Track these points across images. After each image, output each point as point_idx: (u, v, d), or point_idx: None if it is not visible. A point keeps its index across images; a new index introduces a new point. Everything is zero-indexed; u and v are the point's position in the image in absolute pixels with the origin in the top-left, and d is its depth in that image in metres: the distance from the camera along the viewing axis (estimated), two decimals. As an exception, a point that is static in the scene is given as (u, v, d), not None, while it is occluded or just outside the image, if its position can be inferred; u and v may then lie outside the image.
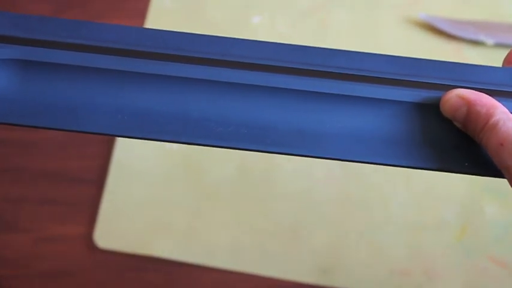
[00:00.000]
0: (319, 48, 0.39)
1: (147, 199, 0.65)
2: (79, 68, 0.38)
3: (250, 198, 0.65)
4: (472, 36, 0.71)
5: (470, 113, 0.37)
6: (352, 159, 0.38)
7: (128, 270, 0.64)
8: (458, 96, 0.37)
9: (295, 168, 0.66)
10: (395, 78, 0.38)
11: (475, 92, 0.37)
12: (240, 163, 0.66)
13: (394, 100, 0.38)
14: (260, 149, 0.38)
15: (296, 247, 0.64)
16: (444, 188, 0.66)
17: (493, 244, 0.64)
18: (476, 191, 0.65)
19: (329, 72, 0.38)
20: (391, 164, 0.38)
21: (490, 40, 0.71)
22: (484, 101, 0.36)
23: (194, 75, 0.38)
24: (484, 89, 0.38)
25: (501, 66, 0.40)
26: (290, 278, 0.63)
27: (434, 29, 0.72)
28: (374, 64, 0.39)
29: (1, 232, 0.65)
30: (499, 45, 0.71)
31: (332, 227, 0.64)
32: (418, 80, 0.38)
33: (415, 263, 0.63)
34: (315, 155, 0.38)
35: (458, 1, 0.73)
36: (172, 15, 0.73)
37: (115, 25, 0.39)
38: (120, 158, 0.66)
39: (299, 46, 0.39)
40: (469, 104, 0.37)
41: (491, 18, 0.72)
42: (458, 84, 0.38)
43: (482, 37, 0.71)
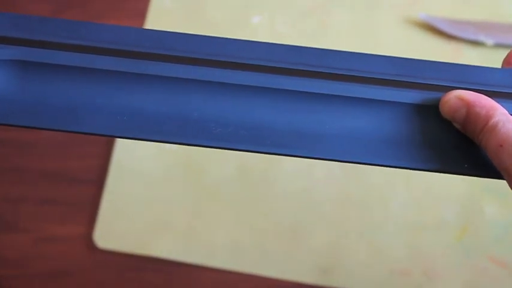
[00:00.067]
0: (318, 49, 0.39)
1: (147, 199, 0.65)
2: (78, 69, 0.38)
3: (250, 198, 0.65)
4: (472, 36, 0.71)
5: (469, 114, 0.37)
6: (351, 160, 0.38)
7: (128, 270, 0.64)
8: (457, 97, 0.37)
9: (295, 168, 0.66)
10: (394, 79, 0.38)
11: (475, 93, 0.37)
12: (240, 163, 0.66)
13: (394, 101, 0.38)
14: (259, 150, 0.38)
15: (296, 247, 0.64)
16: (444, 188, 0.66)
17: (493, 244, 0.64)
18: (476, 191, 0.65)
19: (328, 73, 0.38)
20: (391, 165, 0.38)
21: (490, 40, 0.70)
22: (484, 102, 0.36)
23: (193, 76, 0.38)
24: (484, 90, 0.38)
25: (500, 67, 0.40)
26: (290, 278, 0.63)
27: (434, 29, 0.72)
28: (373, 65, 0.39)
29: (1, 232, 0.65)
30: (499, 45, 0.70)
31: (332, 227, 0.64)
32: (418, 81, 0.38)
33: (415, 263, 0.63)
34: (314, 156, 0.38)
35: (458, 1, 0.73)
36: (172, 15, 0.73)
37: (114, 26, 0.39)
38: (120, 158, 0.66)
39: (299, 47, 0.39)
40: (469, 105, 0.36)
41: (491, 18, 0.72)
42: (457, 85, 0.38)
43: (482, 37, 0.71)
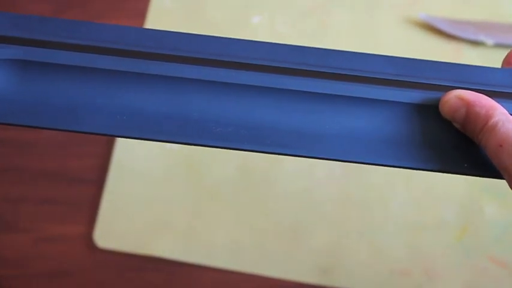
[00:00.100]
0: (318, 48, 0.39)
1: (147, 199, 0.65)
2: (78, 68, 0.38)
3: (250, 198, 0.65)
4: (472, 36, 0.71)
5: (469, 114, 0.37)
6: (351, 160, 0.38)
7: (128, 270, 0.64)
8: (457, 97, 0.37)
9: (295, 168, 0.66)
10: (394, 79, 0.38)
11: (474, 93, 0.37)
12: (241, 163, 0.66)
13: (394, 101, 0.38)
14: (259, 150, 0.38)
15: (296, 247, 0.64)
16: (444, 188, 0.66)
17: (493, 244, 0.64)
18: (476, 191, 0.65)
19: (328, 73, 0.38)
20: (390, 165, 0.38)
21: (490, 40, 0.70)
22: (483, 102, 0.36)
23: (193, 75, 0.38)
24: (483, 90, 0.38)
25: (500, 67, 0.40)
26: (290, 278, 0.63)
27: (434, 29, 0.72)
28: (373, 65, 0.39)
29: (1, 232, 0.65)
30: (499, 45, 0.70)
31: (332, 227, 0.64)
32: (418, 81, 0.38)
33: (415, 263, 0.63)
34: (314, 156, 0.38)
35: (458, 1, 0.73)
36: (172, 15, 0.73)
37: (114, 25, 0.39)
38: (120, 158, 0.66)
39: (298, 46, 0.39)
40: (468, 105, 0.37)
41: (491, 18, 0.72)
42: (457, 85, 0.38)
43: (482, 37, 0.71)
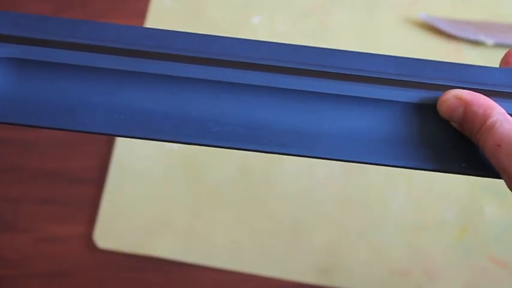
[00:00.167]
0: (317, 48, 0.39)
1: (147, 199, 0.65)
2: (77, 67, 0.38)
3: (250, 198, 0.65)
4: (472, 36, 0.71)
5: (467, 114, 0.36)
6: (349, 159, 0.38)
7: (128, 270, 0.64)
8: (455, 96, 0.37)
9: (295, 168, 0.66)
10: (392, 78, 0.38)
11: (472, 93, 0.37)
12: (241, 163, 0.66)
13: (391, 100, 0.38)
14: (257, 149, 0.37)
15: (296, 247, 0.64)
16: (444, 188, 0.66)
17: (493, 244, 0.64)
18: (475, 191, 0.65)
19: (327, 72, 0.38)
20: (388, 165, 0.38)
21: (490, 40, 0.70)
22: (481, 102, 0.36)
23: (191, 74, 0.38)
24: (481, 90, 0.38)
25: (498, 66, 0.40)
26: (290, 278, 0.63)
27: (434, 29, 0.72)
28: (372, 64, 0.39)
29: (1, 232, 0.65)
30: (499, 45, 0.70)
31: (332, 227, 0.64)
32: (416, 81, 0.38)
33: (415, 263, 0.63)
34: (313, 155, 0.38)
35: (458, 1, 0.73)
36: (172, 15, 0.73)
37: (112, 24, 0.38)
38: (120, 158, 0.66)
39: (297, 46, 0.39)
40: (466, 105, 0.36)
41: (491, 18, 0.72)
42: (455, 84, 0.38)
43: (482, 37, 0.71)
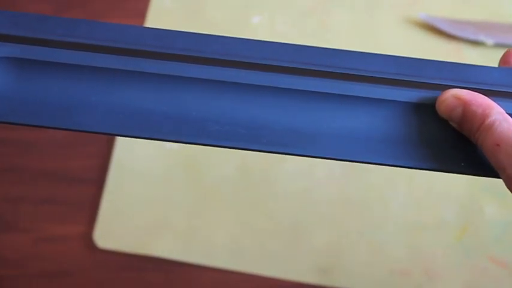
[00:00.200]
0: (316, 47, 0.39)
1: (147, 199, 0.65)
2: (76, 67, 0.38)
3: (250, 198, 0.65)
4: (472, 36, 0.71)
5: (466, 113, 0.37)
6: (348, 158, 0.38)
7: (128, 270, 0.64)
8: (454, 96, 0.37)
9: (295, 168, 0.66)
10: (391, 78, 0.38)
11: (471, 92, 0.37)
12: (241, 163, 0.66)
13: (391, 100, 0.38)
14: (257, 149, 0.37)
15: (296, 247, 0.64)
16: (444, 188, 0.66)
17: (493, 244, 0.64)
18: (475, 191, 0.65)
19: (326, 71, 0.38)
20: (388, 164, 0.38)
21: (490, 40, 0.70)
22: (480, 101, 0.36)
23: (191, 74, 0.38)
24: (480, 89, 0.38)
25: (497, 66, 0.40)
26: (290, 278, 0.63)
27: (434, 29, 0.72)
28: (371, 64, 0.39)
29: (1, 232, 0.65)
30: (499, 45, 0.70)
31: (332, 227, 0.64)
32: (414, 80, 0.38)
33: (415, 263, 0.63)
34: (311, 155, 0.38)
35: (458, 1, 0.73)
36: (172, 15, 0.73)
37: (112, 23, 0.38)
38: (120, 158, 0.66)
39: (296, 45, 0.39)
40: (465, 104, 0.37)
41: (491, 18, 0.72)
42: (454, 84, 0.38)
43: (482, 37, 0.71)
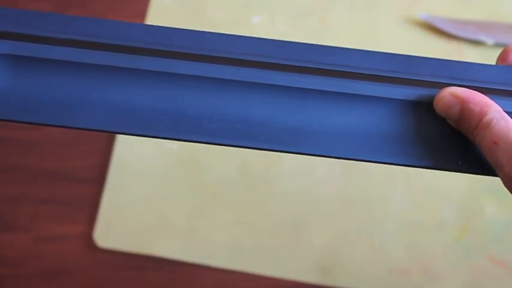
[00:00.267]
0: (313, 45, 0.39)
1: (147, 198, 0.65)
2: (73, 64, 0.38)
3: (250, 197, 0.65)
4: (472, 36, 0.71)
5: (463, 111, 0.37)
6: (345, 156, 0.38)
7: (128, 269, 0.64)
8: (451, 94, 0.37)
9: (295, 167, 0.66)
10: (389, 75, 0.38)
11: (469, 90, 0.37)
12: (241, 162, 0.66)
13: (388, 98, 0.38)
14: (254, 146, 0.38)
15: (296, 246, 0.64)
16: (444, 188, 0.66)
17: (493, 244, 0.64)
18: (475, 191, 0.65)
19: (323, 69, 0.38)
20: (384, 162, 0.38)
21: (490, 40, 0.70)
22: (478, 99, 0.36)
23: (188, 71, 0.38)
24: (478, 87, 0.38)
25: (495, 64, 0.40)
26: (290, 277, 0.63)
27: (434, 29, 0.72)
28: (368, 62, 0.39)
29: (1, 231, 0.65)
30: (499, 45, 0.70)
31: (332, 226, 0.64)
32: (412, 78, 0.38)
33: (415, 263, 0.63)
34: (309, 153, 0.38)
35: (458, 1, 0.73)
36: (172, 14, 0.73)
37: (109, 21, 0.38)
38: (120, 157, 0.66)
39: (293, 43, 0.39)
40: (463, 102, 0.37)
41: (491, 18, 0.72)
42: (451, 82, 0.38)
43: (482, 37, 0.71)
